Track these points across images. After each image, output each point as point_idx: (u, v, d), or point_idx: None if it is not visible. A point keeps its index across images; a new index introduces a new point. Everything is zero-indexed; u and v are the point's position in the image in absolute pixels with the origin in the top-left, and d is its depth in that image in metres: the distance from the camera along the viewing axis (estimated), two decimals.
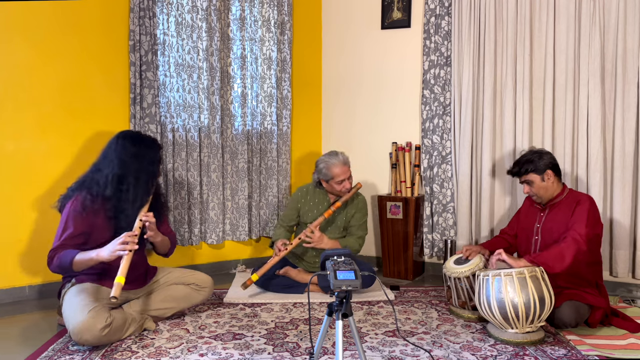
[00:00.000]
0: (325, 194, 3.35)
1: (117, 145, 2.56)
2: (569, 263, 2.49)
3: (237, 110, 3.80)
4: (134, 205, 2.51)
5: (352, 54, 4.05)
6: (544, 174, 2.71)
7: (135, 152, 2.54)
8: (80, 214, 2.47)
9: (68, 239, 2.45)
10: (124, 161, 2.52)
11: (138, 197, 2.52)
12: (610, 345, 2.41)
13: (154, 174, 2.63)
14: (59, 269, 2.43)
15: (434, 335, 2.55)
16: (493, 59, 3.49)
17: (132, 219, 2.50)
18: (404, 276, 3.67)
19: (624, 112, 3.15)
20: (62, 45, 3.18)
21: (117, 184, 2.50)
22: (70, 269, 2.40)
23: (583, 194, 2.75)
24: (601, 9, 3.18)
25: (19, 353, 2.34)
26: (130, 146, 2.55)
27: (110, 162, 2.54)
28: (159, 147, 2.70)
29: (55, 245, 2.45)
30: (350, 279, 1.65)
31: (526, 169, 2.73)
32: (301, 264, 3.37)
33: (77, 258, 2.37)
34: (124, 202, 2.51)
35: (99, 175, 2.54)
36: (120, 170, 2.51)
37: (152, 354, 2.31)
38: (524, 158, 2.77)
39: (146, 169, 2.57)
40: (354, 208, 3.34)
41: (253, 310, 2.92)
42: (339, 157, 3.23)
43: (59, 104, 3.18)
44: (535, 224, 2.83)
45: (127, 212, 2.50)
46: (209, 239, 3.70)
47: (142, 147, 2.59)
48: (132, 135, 2.63)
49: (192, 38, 3.55)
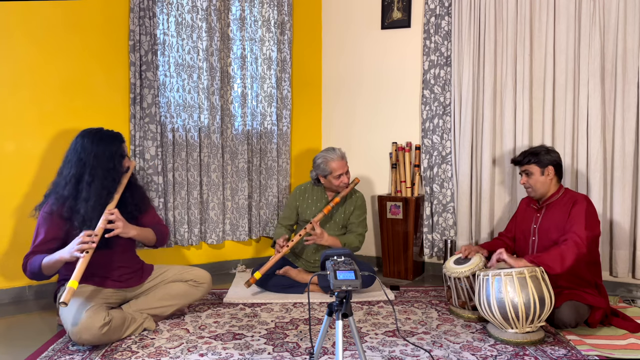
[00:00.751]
0: (324, 192, 3.36)
1: (76, 145, 2.54)
2: (569, 265, 2.49)
3: (237, 110, 3.80)
4: (88, 203, 2.46)
5: (352, 54, 4.05)
6: (545, 169, 2.73)
7: (92, 150, 2.50)
8: (49, 219, 2.47)
9: (40, 245, 2.46)
10: (81, 160, 2.50)
11: (92, 195, 2.47)
12: (610, 345, 2.41)
13: (113, 169, 2.55)
14: (31, 274, 2.44)
15: (434, 335, 2.55)
16: (493, 59, 3.49)
17: (90, 217, 2.46)
18: (404, 276, 3.67)
19: (624, 112, 3.15)
20: (62, 45, 3.18)
21: (75, 184, 2.48)
22: (42, 274, 2.41)
23: (579, 194, 2.75)
24: (601, 9, 3.18)
25: (19, 353, 2.34)
26: (88, 144, 2.51)
27: (68, 162, 2.53)
28: (120, 141, 2.62)
29: (29, 251, 2.47)
30: (350, 279, 1.65)
31: (529, 160, 2.77)
32: (298, 262, 3.37)
33: (44, 262, 2.38)
34: (79, 201, 2.47)
35: (60, 178, 2.54)
36: (77, 170, 2.49)
37: (152, 354, 2.31)
38: (532, 149, 2.83)
39: (104, 165, 2.51)
40: (352, 205, 3.35)
41: (253, 310, 2.92)
42: (336, 152, 3.27)
43: (60, 104, 3.18)
44: (532, 225, 2.83)
45: (80, 211, 2.46)
46: (209, 239, 3.70)
47: (100, 144, 2.53)
48: (90, 133, 2.57)
49: (192, 38, 3.55)
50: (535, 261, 2.51)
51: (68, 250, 2.33)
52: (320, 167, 3.26)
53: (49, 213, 2.49)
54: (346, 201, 3.35)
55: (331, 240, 3.19)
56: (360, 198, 3.39)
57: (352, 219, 3.34)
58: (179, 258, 3.65)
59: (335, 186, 3.26)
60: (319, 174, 3.28)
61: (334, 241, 3.20)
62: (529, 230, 2.85)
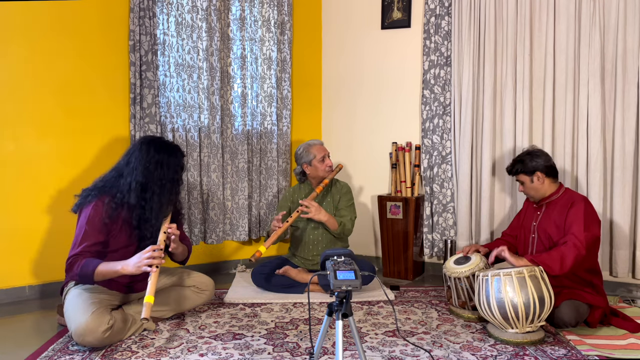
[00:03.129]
0: (311, 186, 3.41)
1: (141, 151, 2.49)
2: (569, 267, 2.49)
3: (237, 110, 3.80)
4: (159, 214, 2.46)
5: (352, 54, 4.05)
6: (532, 176, 2.75)
7: (159, 160, 2.48)
8: (102, 221, 2.41)
9: (89, 246, 2.38)
10: (148, 168, 2.45)
11: (163, 206, 2.47)
12: (610, 345, 2.41)
13: (177, 182, 2.56)
14: (80, 277, 2.33)
15: (434, 335, 2.55)
16: (493, 59, 3.49)
17: (155, 228, 2.46)
18: (404, 276, 3.67)
19: (624, 112, 3.15)
20: (63, 45, 3.18)
21: (141, 192, 2.44)
22: (92, 279, 2.33)
23: (578, 195, 2.75)
24: (601, 9, 3.18)
25: (19, 353, 2.34)
26: (154, 153, 2.48)
27: (134, 169, 2.46)
28: (182, 155, 2.62)
29: (76, 251, 2.36)
30: (350, 279, 1.65)
31: (517, 169, 2.80)
32: (297, 261, 3.37)
33: (100, 268, 2.30)
34: (148, 211, 2.44)
35: (121, 182, 2.47)
36: (143, 178, 2.45)
37: (152, 354, 2.31)
38: (517, 158, 2.84)
39: (170, 177, 2.50)
40: (338, 193, 3.40)
41: (253, 310, 2.92)
42: (315, 140, 3.42)
43: (59, 104, 3.18)
44: (532, 223, 2.84)
45: (151, 221, 2.45)
46: (209, 239, 3.70)
47: (166, 155, 2.51)
48: (155, 142, 2.55)
49: (192, 38, 3.55)
50: (536, 260, 2.51)
51: (133, 263, 2.30)
52: (303, 156, 3.33)
53: (103, 215, 2.41)
54: (331, 190, 3.40)
55: (327, 216, 3.21)
56: (345, 186, 3.44)
57: (341, 204, 3.38)
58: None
59: (321, 171, 3.31)
60: (303, 164, 3.34)
61: (330, 218, 3.22)
62: (529, 227, 2.86)
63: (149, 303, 2.20)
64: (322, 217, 3.19)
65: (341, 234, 3.29)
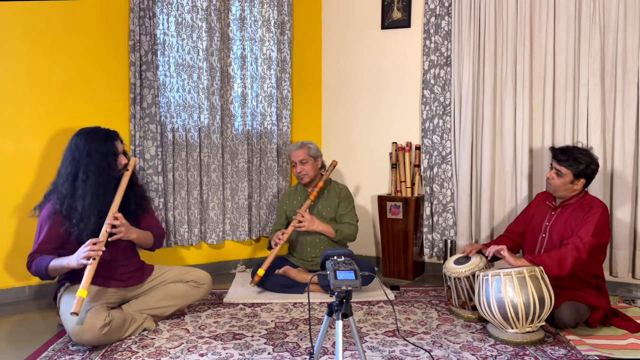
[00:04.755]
0: (306, 189, 3.40)
1: (71, 143, 2.56)
2: (568, 268, 2.48)
3: (237, 110, 3.80)
4: (84, 200, 2.46)
5: (352, 54, 4.05)
6: (576, 178, 2.64)
7: (85, 148, 2.51)
8: (51, 218, 2.49)
9: (43, 244, 2.49)
10: (75, 158, 2.51)
11: (88, 192, 2.47)
12: (610, 345, 2.41)
13: (107, 167, 2.54)
14: (37, 274, 2.46)
15: (434, 335, 2.55)
16: (493, 59, 3.49)
17: (88, 214, 2.46)
18: (404, 276, 3.67)
19: (624, 112, 3.15)
20: (62, 45, 3.18)
21: (72, 181, 2.50)
22: (47, 275, 2.44)
23: (597, 200, 2.67)
24: (601, 9, 3.18)
25: (19, 353, 2.34)
26: (81, 143, 2.53)
27: (65, 161, 2.55)
28: (113, 139, 2.61)
29: (32, 250, 2.49)
30: (350, 279, 1.65)
31: (568, 163, 2.63)
32: (297, 261, 3.37)
33: (51, 265, 2.40)
34: (76, 199, 2.48)
35: (59, 177, 2.56)
36: (72, 168, 2.50)
37: (152, 354, 2.31)
38: (577, 153, 2.64)
39: (97, 162, 2.51)
40: (336, 197, 3.37)
41: (253, 310, 2.92)
42: (298, 143, 3.39)
43: (60, 104, 3.18)
44: (544, 222, 2.78)
45: (78, 208, 2.46)
46: (209, 239, 3.70)
47: (93, 142, 2.53)
48: (84, 132, 2.59)
49: (192, 38, 3.55)
50: (535, 261, 2.50)
51: (75, 257, 2.34)
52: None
53: (51, 212, 2.50)
54: (329, 193, 3.37)
55: (322, 226, 3.21)
56: (345, 189, 3.41)
57: (340, 210, 3.35)
58: (178, 258, 3.65)
59: (296, 175, 3.33)
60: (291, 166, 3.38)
61: (326, 227, 3.22)
62: (540, 226, 2.79)
63: (81, 297, 2.20)
64: (317, 227, 3.20)
65: (341, 240, 3.29)
